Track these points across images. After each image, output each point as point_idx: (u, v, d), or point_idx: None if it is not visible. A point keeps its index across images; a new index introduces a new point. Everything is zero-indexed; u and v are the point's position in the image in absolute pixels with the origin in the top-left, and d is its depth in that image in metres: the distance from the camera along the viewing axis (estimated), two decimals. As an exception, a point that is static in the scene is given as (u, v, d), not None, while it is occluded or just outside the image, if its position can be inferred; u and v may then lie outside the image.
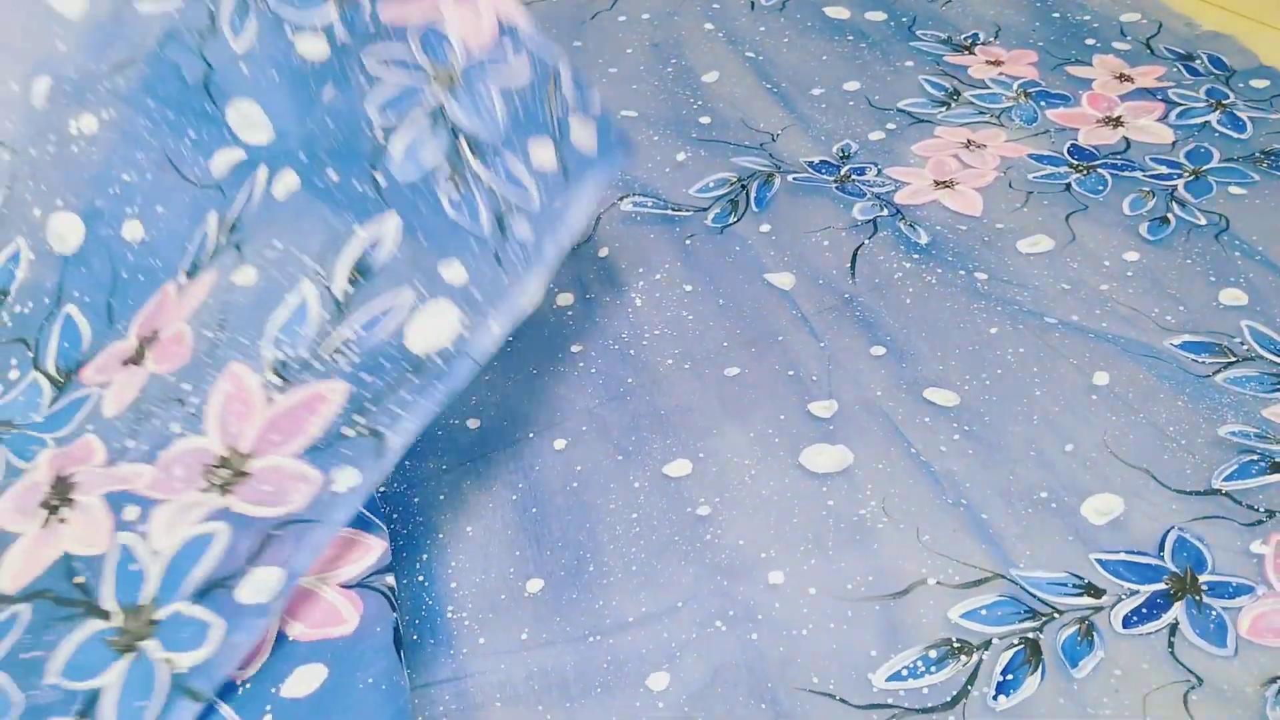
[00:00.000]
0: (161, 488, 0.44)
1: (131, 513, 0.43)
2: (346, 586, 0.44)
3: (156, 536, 0.42)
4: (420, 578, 0.50)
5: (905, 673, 0.45)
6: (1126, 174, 0.73)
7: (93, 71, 0.53)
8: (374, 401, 0.44)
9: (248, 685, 0.41)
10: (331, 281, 0.47)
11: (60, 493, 0.45)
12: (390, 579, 0.44)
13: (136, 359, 0.49)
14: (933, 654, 0.46)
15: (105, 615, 0.40)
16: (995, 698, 0.44)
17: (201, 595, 0.40)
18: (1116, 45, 0.87)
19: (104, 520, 0.43)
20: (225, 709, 0.40)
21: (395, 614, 0.42)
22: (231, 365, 0.46)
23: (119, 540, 0.42)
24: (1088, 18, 0.91)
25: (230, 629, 0.40)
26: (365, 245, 0.47)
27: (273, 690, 0.41)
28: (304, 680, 0.40)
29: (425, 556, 0.51)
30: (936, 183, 0.74)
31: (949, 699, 0.44)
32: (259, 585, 0.41)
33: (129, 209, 0.52)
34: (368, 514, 0.47)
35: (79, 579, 0.42)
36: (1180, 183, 0.72)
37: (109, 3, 0.53)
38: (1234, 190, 0.71)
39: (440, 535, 0.52)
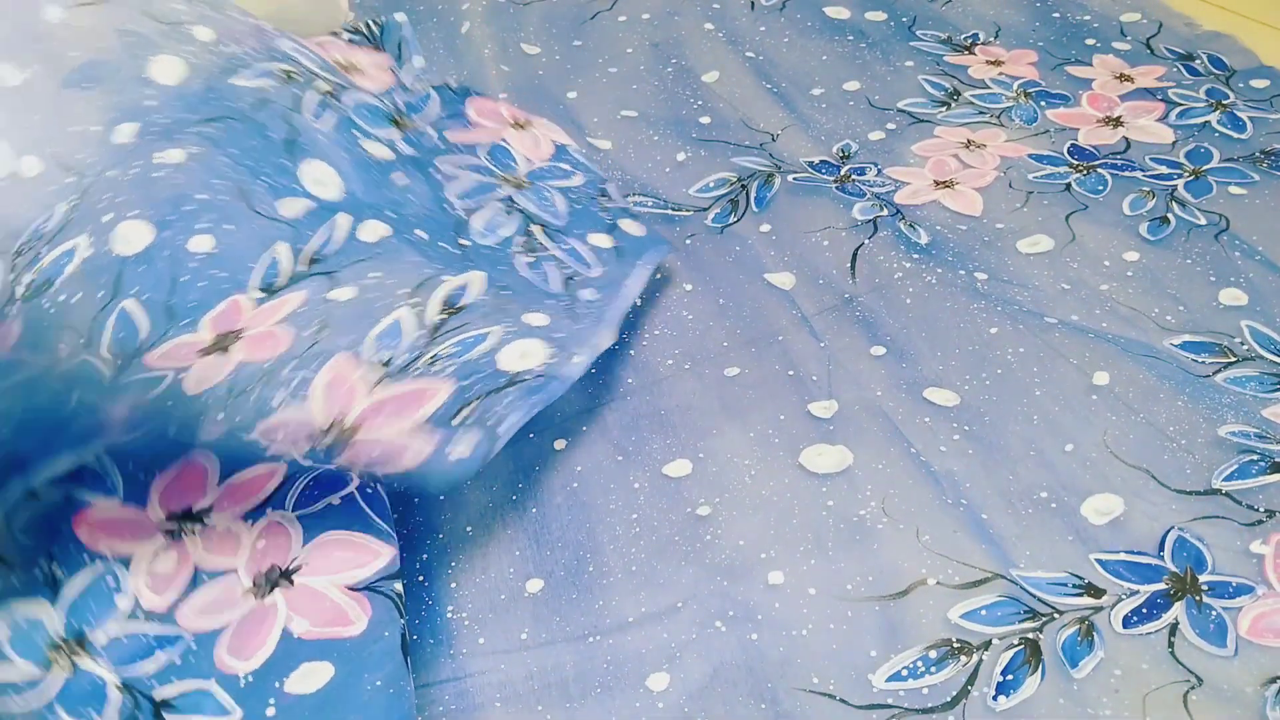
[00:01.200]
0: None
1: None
2: (354, 589, 0.44)
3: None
4: (420, 577, 0.50)
5: (905, 673, 0.45)
6: (1126, 174, 0.73)
7: (183, 120, 0.56)
8: (479, 399, 0.47)
9: (250, 678, 0.41)
10: (425, 311, 0.51)
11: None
12: (399, 585, 0.44)
13: (221, 349, 0.50)
14: (933, 654, 0.46)
15: None
16: (995, 698, 0.44)
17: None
18: (1116, 45, 0.87)
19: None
20: (226, 699, 0.40)
21: (403, 620, 0.43)
22: (337, 357, 0.48)
23: None
24: (1088, 18, 0.91)
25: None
26: (454, 288, 0.53)
27: (276, 685, 0.41)
28: (309, 677, 0.40)
29: (425, 556, 0.51)
30: (936, 183, 0.74)
31: (949, 699, 0.44)
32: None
33: (199, 224, 0.54)
34: (378, 520, 0.47)
35: None
36: (1180, 183, 0.72)
37: (206, 76, 0.58)
38: (1234, 190, 0.71)
39: (440, 535, 0.52)
